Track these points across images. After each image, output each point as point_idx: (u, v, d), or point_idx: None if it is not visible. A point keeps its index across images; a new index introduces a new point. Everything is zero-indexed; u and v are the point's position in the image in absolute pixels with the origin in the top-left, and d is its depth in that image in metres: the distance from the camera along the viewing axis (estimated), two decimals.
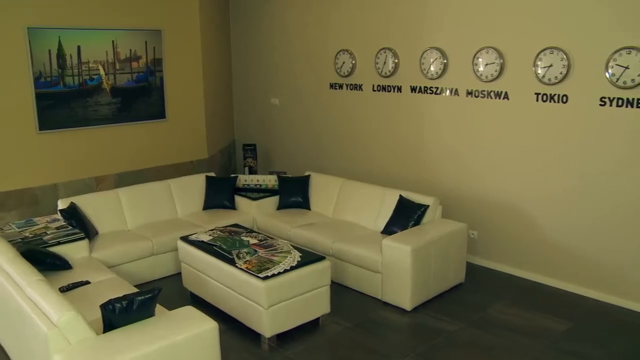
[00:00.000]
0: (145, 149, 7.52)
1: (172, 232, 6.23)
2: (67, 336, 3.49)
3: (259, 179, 7.28)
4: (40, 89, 6.64)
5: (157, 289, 3.77)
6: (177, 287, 5.88)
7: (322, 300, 5.02)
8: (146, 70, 7.41)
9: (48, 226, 5.89)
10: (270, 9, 8.45)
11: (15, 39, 6.40)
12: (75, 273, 5.14)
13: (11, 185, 6.55)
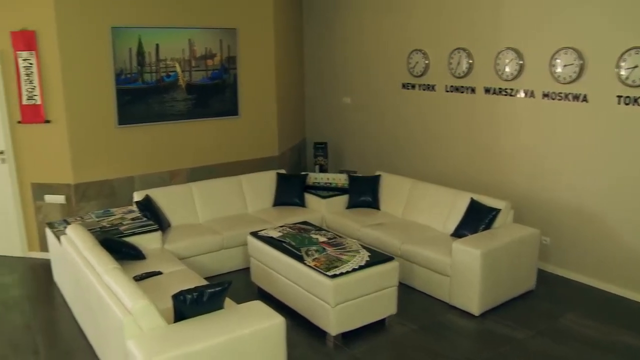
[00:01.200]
0: (218, 145, 7.68)
1: (242, 227, 6.34)
2: (140, 323, 3.61)
3: (329, 178, 7.31)
4: (121, 85, 6.87)
5: (227, 283, 3.84)
6: (244, 282, 5.98)
7: (389, 300, 5.00)
8: (221, 68, 7.55)
9: (124, 217, 6.11)
10: (343, 8, 8.47)
11: (100, 38, 6.66)
12: (149, 263, 5.31)
13: (92, 176, 6.81)
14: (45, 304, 5.85)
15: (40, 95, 6.55)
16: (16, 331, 5.23)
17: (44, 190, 6.80)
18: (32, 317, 5.53)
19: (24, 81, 6.55)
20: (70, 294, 5.48)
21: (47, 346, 4.93)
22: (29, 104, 6.59)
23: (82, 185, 6.75)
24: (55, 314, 5.62)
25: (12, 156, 6.79)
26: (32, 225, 6.97)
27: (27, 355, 4.77)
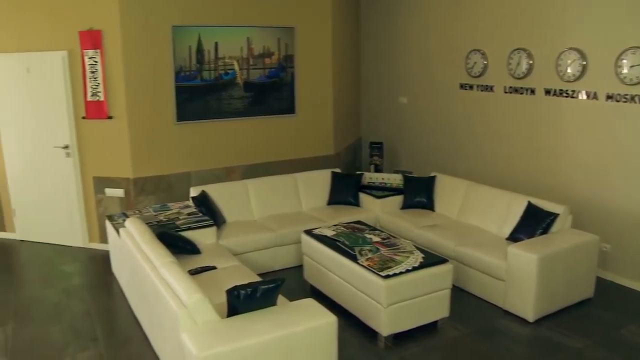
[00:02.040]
0: (274, 142, 7.74)
1: (295, 225, 6.38)
2: (194, 317, 3.68)
3: (384, 177, 7.29)
4: (180, 82, 7.00)
5: (280, 280, 3.87)
6: (297, 279, 6.02)
7: (441, 303, 4.95)
8: (278, 66, 7.61)
9: (180, 212, 6.23)
10: (401, 7, 8.42)
11: (161, 36, 6.81)
12: (203, 258, 5.40)
13: (150, 171, 6.97)
14: (103, 293, 6.03)
15: (103, 92, 6.74)
16: (77, 318, 5.42)
17: (105, 184, 7.01)
18: (92, 305, 5.71)
19: (89, 78, 6.76)
20: (127, 284, 5.63)
21: (105, 334, 5.09)
22: (93, 101, 6.80)
23: (140, 180, 6.92)
24: (113, 303, 5.79)
25: (76, 151, 7.02)
26: (93, 217, 7.19)
27: (86, 342, 4.94)
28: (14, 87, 7.14)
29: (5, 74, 7.15)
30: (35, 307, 5.72)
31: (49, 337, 5.08)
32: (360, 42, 9.34)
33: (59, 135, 7.02)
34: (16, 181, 7.44)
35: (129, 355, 4.72)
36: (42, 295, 5.98)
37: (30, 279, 6.51)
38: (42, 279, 6.43)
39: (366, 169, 8.88)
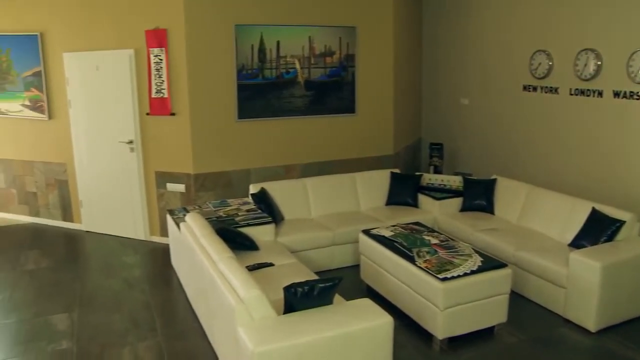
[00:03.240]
0: (333, 141, 7.75)
1: (353, 225, 6.37)
2: (251, 312, 3.71)
3: (443, 179, 7.20)
4: (242, 80, 7.09)
5: (337, 278, 3.87)
6: (353, 279, 6.01)
7: (499, 308, 4.85)
8: (339, 66, 7.62)
9: (240, 208, 6.31)
10: (464, 7, 8.30)
11: (224, 35, 6.91)
12: (261, 254, 5.45)
13: (211, 167, 7.08)
14: (162, 285, 6.17)
15: (167, 89, 6.89)
16: (137, 308, 5.57)
17: (166, 179, 7.16)
18: (151, 296, 5.86)
19: (154, 76, 6.93)
20: (185, 277, 5.74)
21: (163, 324, 5.21)
22: (157, 97, 6.96)
23: (201, 176, 7.04)
24: (171, 295, 5.92)
25: (140, 146, 7.20)
26: (154, 211, 7.36)
27: (145, 331, 5.07)
28: (84, 85, 7.39)
29: (76, 72, 7.42)
30: (99, 295, 5.91)
31: (110, 324, 5.24)
32: (422, 42, 9.26)
33: (124, 131, 7.22)
34: (84, 174, 7.70)
35: (185, 347, 4.81)
36: (105, 285, 6.17)
37: (95, 268, 6.73)
38: (105, 269, 6.64)
39: (425, 170, 8.80)
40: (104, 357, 4.68)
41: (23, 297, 5.91)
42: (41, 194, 8.22)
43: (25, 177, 8.29)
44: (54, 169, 7.96)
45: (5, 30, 7.83)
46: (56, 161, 7.92)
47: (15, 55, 7.85)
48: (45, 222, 8.31)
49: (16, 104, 8.01)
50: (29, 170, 8.22)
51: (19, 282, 6.28)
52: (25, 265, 6.78)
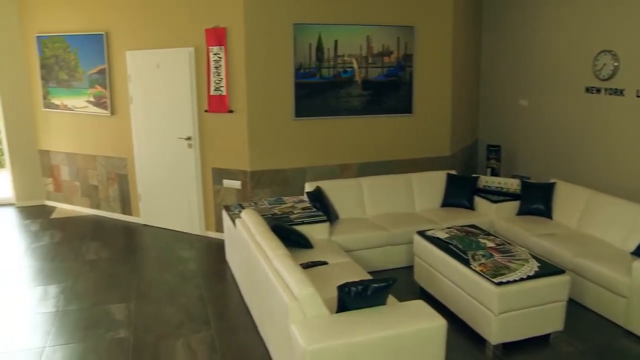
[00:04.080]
0: (389, 141, 7.71)
1: (408, 225, 6.33)
2: (304, 310, 3.72)
3: (500, 182, 7.07)
4: (299, 79, 7.12)
5: (392, 279, 3.84)
6: (407, 280, 5.97)
7: (556, 315, 4.72)
8: (397, 66, 7.57)
9: (295, 206, 6.34)
10: (524, 7, 8.13)
11: (283, 34, 6.96)
12: (315, 252, 5.46)
13: (267, 165, 7.14)
14: (216, 279, 6.26)
15: (225, 87, 6.98)
16: (191, 301, 5.67)
17: (223, 175, 7.26)
18: (205, 290, 5.95)
19: (213, 74, 7.03)
20: (239, 273, 5.80)
21: (216, 318, 5.29)
22: (216, 95, 7.06)
23: (257, 173, 7.11)
24: (225, 289, 6.00)
25: (197, 142, 7.32)
26: (210, 207, 7.48)
27: (199, 324, 5.16)
28: (145, 82, 7.57)
29: (138, 70, 7.60)
30: (155, 287, 6.05)
31: (165, 316, 5.36)
32: (481, 41, 9.11)
33: (183, 127, 7.36)
34: (143, 169, 7.89)
35: (237, 341, 4.87)
36: (161, 277, 6.30)
37: (151, 261, 6.88)
38: (161, 262, 6.78)
39: (482, 172, 8.66)
40: (158, 347, 4.78)
41: (84, 286, 6.10)
42: (102, 187, 8.47)
43: (88, 170, 8.56)
44: (115, 163, 8.19)
45: (75, 31, 8.10)
46: (117, 156, 8.14)
47: (82, 53, 8.11)
48: (106, 215, 8.56)
49: (81, 100, 8.27)
50: (91, 164, 8.48)
51: (81, 271, 6.49)
52: (87, 255, 6.99)
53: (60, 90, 8.51)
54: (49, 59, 8.51)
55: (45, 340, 4.97)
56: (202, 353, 4.67)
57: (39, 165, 9.20)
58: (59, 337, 5.03)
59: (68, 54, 8.27)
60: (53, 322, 5.30)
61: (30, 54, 8.75)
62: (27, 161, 9.17)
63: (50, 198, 9.29)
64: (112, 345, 4.86)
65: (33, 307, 5.64)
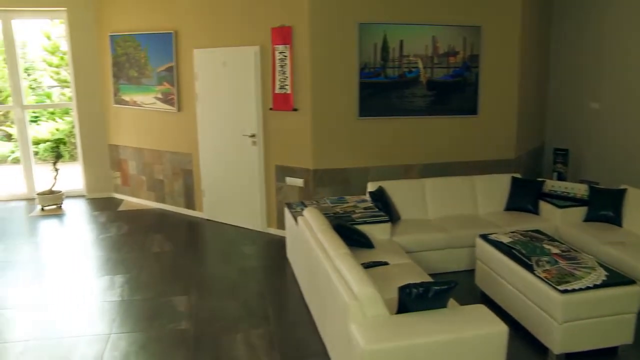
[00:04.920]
0: (453, 143, 7.60)
1: (470, 228, 6.23)
2: (364, 310, 3.73)
3: (567, 187, 6.88)
4: (364, 78, 7.11)
5: (453, 282, 3.80)
6: (468, 284, 5.88)
7: (624, 327, 4.55)
8: (462, 66, 7.47)
9: (357, 205, 6.35)
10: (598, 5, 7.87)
11: (348, 33, 6.96)
12: (376, 253, 5.45)
13: (329, 164, 7.16)
14: (277, 276, 6.33)
15: (290, 85, 7.04)
16: (251, 297, 5.75)
17: (286, 173, 7.33)
18: (265, 286, 6.03)
19: (278, 72, 7.10)
20: (300, 270, 5.84)
21: (275, 314, 5.34)
22: (280, 93, 7.13)
23: (320, 171, 7.14)
24: (285, 286, 6.06)
25: (261, 140, 7.42)
26: (273, 204, 7.56)
27: (259, 320, 5.23)
28: (211, 79, 7.71)
29: (204, 67, 7.75)
30: (216, 281, 6.17)
31: (225, 310, 5.45)
32: (550, 41, 8.88)
33: (247, 125, 7.46)
34: (207, 165, 8.04)
35: (296, 338, 4.91)
36: (223, 272, 6.42)
37: (213, 256, 7.03)
38: (223, 257, 6.91)
39: (547, 176, 8.44)
40: (218, 341, 4.87)
41: (148, 277, 6.28)
42: (167, 181, 8.69)
43: (154, 165, 8.79)
44: (181, 158, 8.38)
45: (145, 30, 8.35)
46: (183, 151, 8.33)
47: (151, 52, 8.34)
48: (170, 209, 8.77)
49: (150, 96, 8.51)
50: (157, 159, 8.71)
51: (145, 263, 6.68)
52: (151, 248, 7.19)
53: (130, 87, 8.78)
54: (121, 57, 8.79)
55: (110, 327, 5.15)
56: (260, 348, 4.74)
57: (108, 159, 9.51)
58: (123, 325, 5.20)
59: (138, 52, 8.52)
60: (118, 311, 5.48)
61: (104, 53, 9.06)
62: (98, 155, 9.51)
63: (118, 191, 9.59)
64: (173, 336, 4.98)
65: (100, 295, 5.85)
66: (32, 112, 12.87)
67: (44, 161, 11.96)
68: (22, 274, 6.45)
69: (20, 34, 9.64)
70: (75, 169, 10.35)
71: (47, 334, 5.08)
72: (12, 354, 4.75)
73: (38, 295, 5.93)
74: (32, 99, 13.03)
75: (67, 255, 7.05)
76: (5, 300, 5.81)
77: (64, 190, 9.30)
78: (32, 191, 9.62)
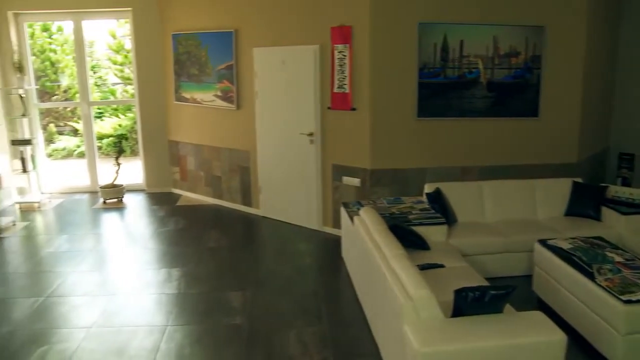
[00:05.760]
0: (513, 145, 7.44)
1: (528, 233, 6.10)
2: (419, 311, 3.70)
3: (632, 193, 6.65)
4: (423, 79, 7.05)
5: (511, 287, 3.74)
6: (524, 289, 5.73)
7: None
8: (524, 67, 7.31)
9: (413, 206, 6.31)
10: None
11: (408, 33, 6.91)
12: (432, 255, 5.40)
13: (387, 164, 7.13)
14: (331, 275, 6.34)
15: (349, 85, 7.05)
16: (305, 294, 5.79)
17: (343, 172, 7.34)
18: (320, 284, 6.06)
19: (337, 71, 7.11)
20: (354, 270, 5.85)
21: (329, 313, 5.36)
22: (339, 92, 7.14)
23: (377, 172, 7.12)
24: (339, 285, 6.07)
25: (319, 138, 7.45)
26: (329, 203, 7.58)
27: (312, 318, 5.25)
28: (270, 78, 7.80)
29: (264, 66, 7.83)
30: (271, 278, 6.23)
31: (279, 307, 5.50)
32: (619, 42, 8.60)
33: (305, 123, 7.50)
34: (265, 162, 8.13)
35: (349, 338, 4.91)
36: (277, 269, 6.48)
37: (268, 252, 7.11)
38: (278, 254, 6.98)
39: (611, 182, 8.19)
40: (272, 337, 4.92)
41: (204, 271, 6.40)
42: (225, 178, 8.82)
43: (212, 161, 8.94)
44: (238, 155, 8.50)
45: (207, 29, 8.50)
46: (241, 148, 8.44)
47: (212, 50, 8.49)
48: (227, 205, 8.90)
49: (209, 94, 8.65)
50: (216, 156, 8.85)
51: (201, 257, 6.80)
52: (208, 243, 7.31)
53: (190, 85, 8.95)
54: (182, 55, 8.97)
55: (167, 319, 5.28)
56: (313, 346, 4.76)
57: (168, 155, 9.73)
58: (179, 317, 5.31)
59: (199, 51, 8.67)
60: (175, 303, 5.61)
61: (166, 51, 9.27)
62: (158, 151, 9.74)
63: (176, 186, 9.80)
64: (227, 330, 5.06)
65: (158, 287, 5.99)
66: (97, 109, 13.27)
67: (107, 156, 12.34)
68: (85, 264, 6.67)
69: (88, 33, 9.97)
70: (136, 164, 10.64)
71: (108, 322, 5.26)
72: (76, 339, 4.93)
73: (100, 284, 6.13)
74: (97, 96, 13.44)
75: (127, 247, 7.26)
76: (71, 287, 6.04)
77: (125, 184, 9.56)
78: (95, 184, 9.93)
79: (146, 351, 4.73)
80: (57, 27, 13.43)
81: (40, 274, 6.43)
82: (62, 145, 13.75)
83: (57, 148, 13.67)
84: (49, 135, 13.54)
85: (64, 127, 14.14)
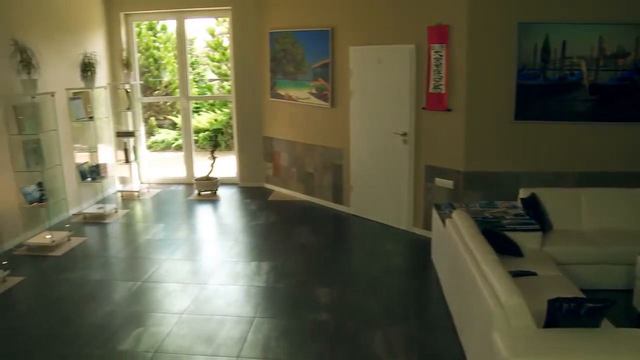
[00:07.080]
0: (616, 151, 7.06)
1: (629, 245, 5.77)
2: (510, 319, 3.61)
3: None
4: (521, 80, 6.85)
5: (610, 301, 3.57)
6: (624, 305, 5.45)
7: None
8: (632, 68, 6.94)
9: (507, 211, 6.15)
10: None
11: (507, 33, 6.73)
12: (525, 262, 5.25)
13: (481, 166, 6.98)
14: (420, 277, 6.29)
15: (445, 85, 6.95)
16: (393, 295, 5.78)
17: (436, 174, 7.25)
18: (408, 285, 6.03)
19: (433, 71, 7.03)
20: (443, 273, 5.77)
21: (416, 315, 5.32)
22: (435, 93, 7.06)
23: (470, 174, 6.99)
24: (427, 287, 6.01)
25: (413, 139, 7.40)
26: (420, 204, 7.51)
27: (399, 319, 5.23)
28: (366, 76, 7.81)
29: (359, 65, 7.86)
30: (358, 276, 6.26)
31: (366, 306, 5.51)
32: None
33: (399, 123, 7.47)
34: (357, 161, 8.16)
35: (435, 341, 4.86)
36: (365, 268, 6.50)
37: (357, 251, 7.14)
38: (366, 253, 7.00)
39: None
40: (357, 336, 4.94)
41: (293, 266, 6.50)
42: (317, 175, 8.91)
43: (305, 158, 9.06)
44: (331, 153, 8.56)
45: (303, 27, 8.62)
46: (334, 146, 8.50)
47: (308, 48, 8.59)
48: (317, 201, 9.00)
49: (304, 92, 8.77)
50: (308, 153, 8.96)
51: (291, 252, 6.92)
52: (297, 238, 7.42)
53: (286, 82, 9.10)
54: (278, 53, 9.13)
55: (255, 311, 5.41)
56: (398, 347, 4.74)
57: (261, 150, 9.94)
58: (267, 310, 5.44)
59: (296, 49, 8.80)
60: (263, 296, 5.74)
61: (263, 49, 9.47)
62: (252, 146, 9.97)
63: (268, 181, 9.99)
64: (313, 326, 5.12)
65: (247, 279, 6.14)
66: (194, 103, 13.72)
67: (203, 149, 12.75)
68: (179, 252, 6.95)
69: (188, 31, 10.36)
70: (230, 158, 10.92)
71: (199, 309, 5.46)
72: (169, 324, 5.16)
73: (192, 273, 6.37)
74: (195, 91, 13.90)
75: (219, 239, 7.50)
76: (165, 274, 6.31)
77: (219, 177, 9.85)
78: (191, 176, 10.30)
79: (234, 340, 4.86)
80: (161, 26, 14.02)
81: (138, 260, 6.75)
82: (161, 138, 14.34)
83: (156, 140, 14.28)
84: (150, 128, 14.16)
85: (163, 121, 14.74)
